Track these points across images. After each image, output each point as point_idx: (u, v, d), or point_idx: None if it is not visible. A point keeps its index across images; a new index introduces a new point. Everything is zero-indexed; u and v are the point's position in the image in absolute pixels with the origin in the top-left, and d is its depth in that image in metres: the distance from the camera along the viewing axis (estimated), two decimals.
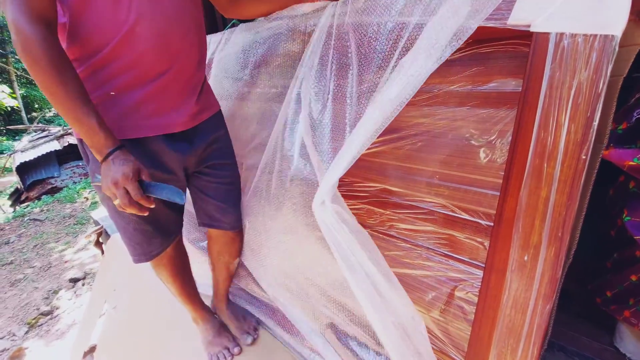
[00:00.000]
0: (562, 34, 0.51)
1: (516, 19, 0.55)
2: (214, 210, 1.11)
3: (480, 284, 0.71)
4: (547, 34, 0.52)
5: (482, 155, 0.70)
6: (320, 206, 0.75)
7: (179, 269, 1.14)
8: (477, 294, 0.72)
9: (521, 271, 0.63)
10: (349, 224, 0.77)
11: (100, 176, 0.79)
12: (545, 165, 0.56)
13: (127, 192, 0.76)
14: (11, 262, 3.85)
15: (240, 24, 1.20)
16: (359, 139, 0.69)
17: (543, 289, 0.61)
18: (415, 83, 0.62)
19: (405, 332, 0.81)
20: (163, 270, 1.11)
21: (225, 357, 1.18)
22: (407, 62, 0.63)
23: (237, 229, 1.17)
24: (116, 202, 0.77)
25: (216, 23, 1.94)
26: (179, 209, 1.06)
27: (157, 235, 1.00)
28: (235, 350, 1.20)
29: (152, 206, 0.80)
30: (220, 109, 1.09)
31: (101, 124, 0.75)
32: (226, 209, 1.12)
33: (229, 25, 1.36)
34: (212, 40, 1.32)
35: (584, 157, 0.53)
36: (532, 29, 0.54)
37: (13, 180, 6.76)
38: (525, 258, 0.62)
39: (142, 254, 1.00)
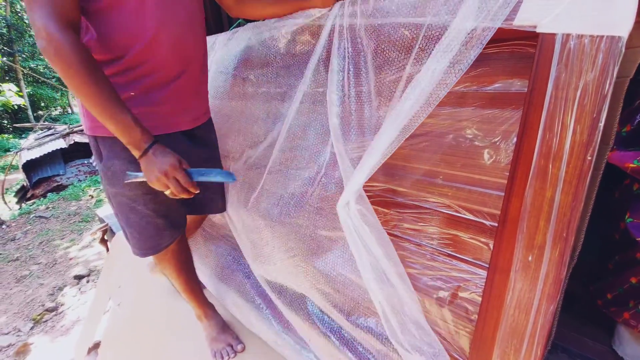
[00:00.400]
0: (568, 35, 0.51)
1: (522, 19, 0.55)
2: (207, 201, 1.20)
3: (484, 284, 0.71)
4: (554, 34, 0.52)
5: (486, 155, 0.70)
6: (345, 207, 0.77)
7: (182, 263, 1.17)
8: (481, 294, 0.72)
9: (525, 272, 0.63)
10: (372, 225, 0.78)
11: (142, 171, 0.82)
12: (551, 166, 0.56)
13: (177, 180, 0.80)
14: (17, 259, 3.88)
15: (247, 23, 1.20)
16: (384, 144, 0.69)
17: (547, 289, 0.61)
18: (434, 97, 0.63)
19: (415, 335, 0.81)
20: (167, 264, 1.13)
21: (228, 354, 1.19)
22: (422, 77, 0.63)
23: (223, 211, 1.27)
24: (167, 192, 0.82)
25: (222, 22, 1.94)
26: (186, 204, 1.09)
27: (167, 229, 1.03)
28: (239, 347, 1.21)
29: (198, 192, 0.86)
30: (210, 116, 1.15)
31: (136, 120, 0.78)
32: (217, 198, 1.22)
33: (235, 25, 1.36)
34: (218, 39, 1.32)
35: (589, 158, 0.53)
36: (538, 30, 0.53)
37: (19, 178, 6.81)
38: (530, 258, 0.62)
39: (152, 247, 1.03)
